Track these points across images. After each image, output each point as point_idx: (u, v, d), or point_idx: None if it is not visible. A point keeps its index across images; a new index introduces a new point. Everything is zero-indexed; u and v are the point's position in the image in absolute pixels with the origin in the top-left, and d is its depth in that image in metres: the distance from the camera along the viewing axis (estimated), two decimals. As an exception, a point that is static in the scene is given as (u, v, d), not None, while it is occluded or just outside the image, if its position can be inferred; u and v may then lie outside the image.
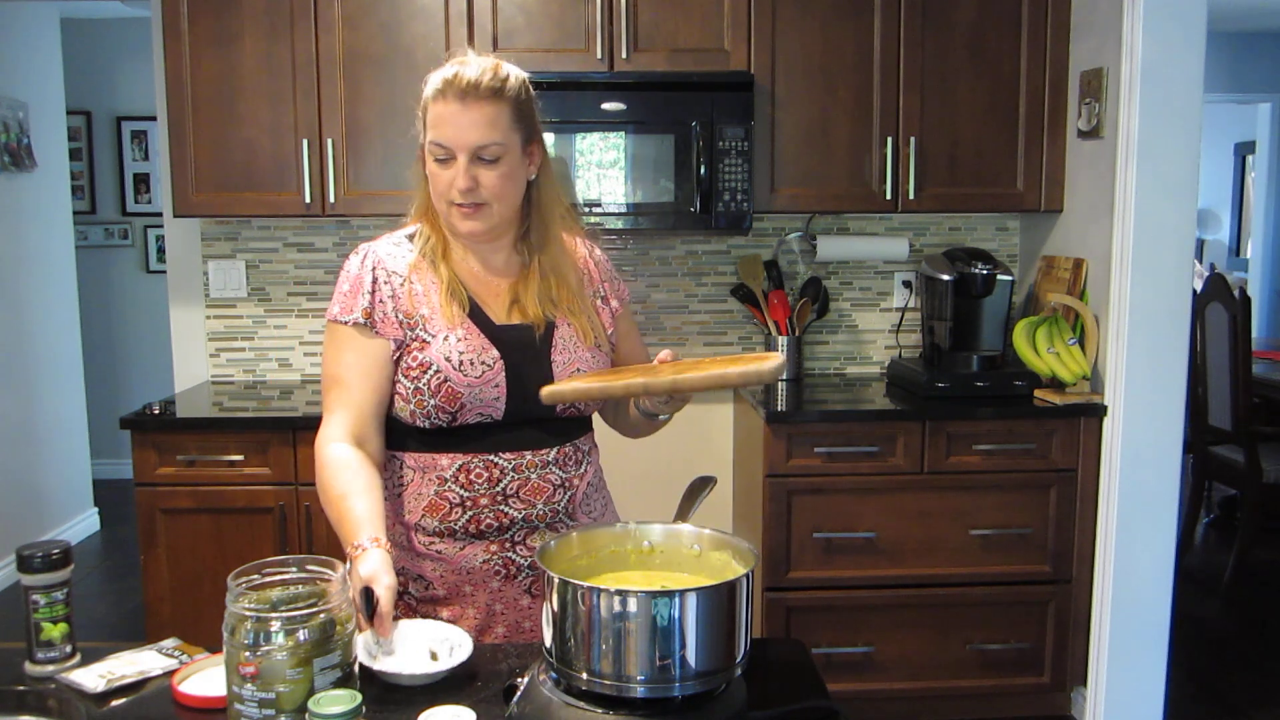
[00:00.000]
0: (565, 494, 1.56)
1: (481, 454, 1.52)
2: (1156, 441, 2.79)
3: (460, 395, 1.49)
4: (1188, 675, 3.33)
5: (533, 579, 1.54)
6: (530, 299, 1.56)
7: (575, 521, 1.57)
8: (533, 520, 1.53)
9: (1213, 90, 5.90)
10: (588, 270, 1.65)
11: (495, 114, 1.47)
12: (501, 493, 1.52)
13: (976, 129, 3.06)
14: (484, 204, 1.50)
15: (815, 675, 1.29)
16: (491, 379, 1.50)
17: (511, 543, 1.53)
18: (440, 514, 1.52)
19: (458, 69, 1.48)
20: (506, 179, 1.50)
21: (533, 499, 1.53)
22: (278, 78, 2.94)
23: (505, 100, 1.48)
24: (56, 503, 4.66)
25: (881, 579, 2.88)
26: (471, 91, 1.46)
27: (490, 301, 1.56)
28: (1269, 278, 7.03)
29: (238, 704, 1.08)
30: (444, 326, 1.51)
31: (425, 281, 1.55)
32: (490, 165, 1.48)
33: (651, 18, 2.95)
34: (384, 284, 1.54)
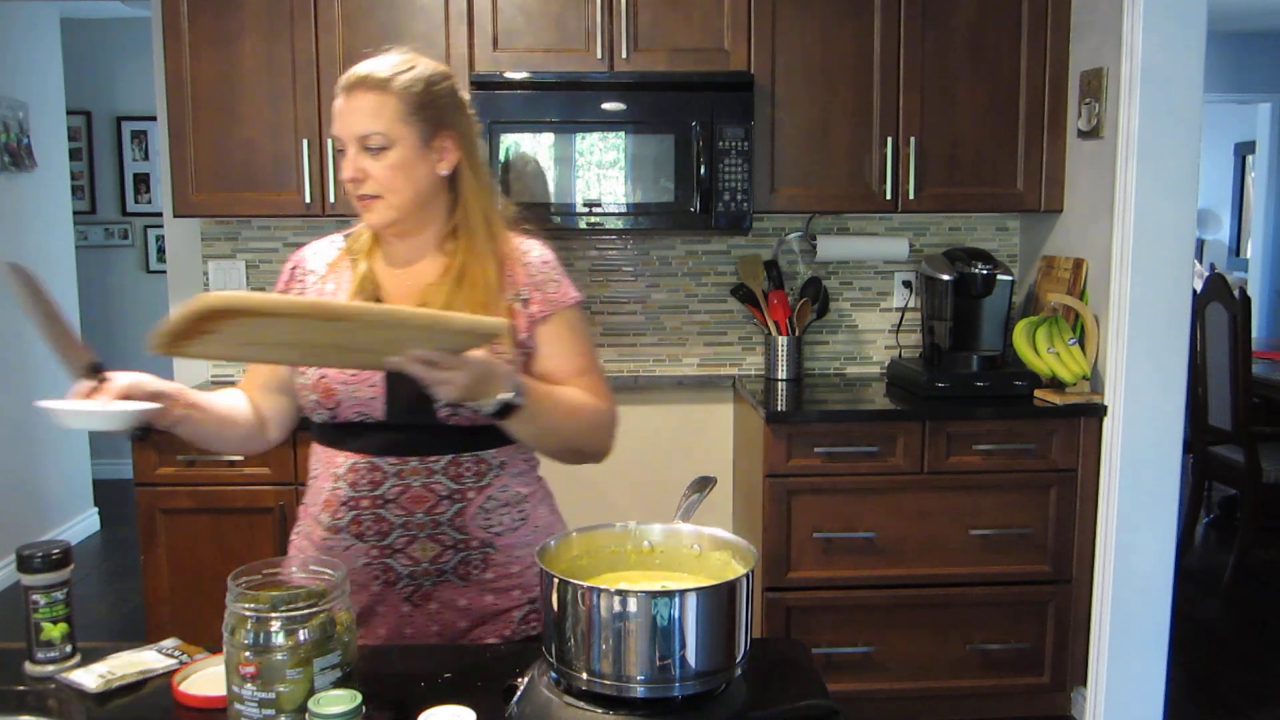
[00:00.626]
0: (453, 506, 1.49)
1: (367, 455, 1.50)
2: (1156, 441, 2.79)
3: (336, 392, 1.48)
4: (1188, 675, 3.33)
5: (413, 588, 1.50)
6: (437, 300, 1.50)
7: (465, 534, 1.50)
8: (411, 529, 1.48)
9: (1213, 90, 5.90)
10: (514, 272, 1.56)
11: (379, 104, 1.47)
12: (382, 497, 1.48)
13: (976, 129, 3.06)
14: (377, 196, 1.49)
15: (815, 675, 1.29)
16: (368, 378, 1.48)
17: (391, 549, 1.49)
18: (331, 510, 1.51)
19: (353, 70, 1.51)
20: (395, 171, 1.48)
21: (412, 507, 1.48)
22: (278, 78, 2.94)
23: (391, 92, 1.48)
24: (56, 503, 4.66)
25: (881, 579, 2.88)
26: (358, 84, 1.49)
27: (399, 301, 1.53)
28: (1269, 278, 7.03)
29: (238, 704, 1.08)
30: None
31: (339, 280, 1.57)
32: (376, 156, 1.47)
33: (651, 18, 2.95)
34: (298, 281, 1.59)
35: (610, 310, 3.40)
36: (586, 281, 3.38)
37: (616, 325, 3.41)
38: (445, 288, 1.50)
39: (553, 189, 2.92)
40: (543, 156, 2.92)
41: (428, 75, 1.52)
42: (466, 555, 1.51)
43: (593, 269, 3.38)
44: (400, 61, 1.51)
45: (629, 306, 3.40)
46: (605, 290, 3.39)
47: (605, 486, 3.43)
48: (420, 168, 1.50)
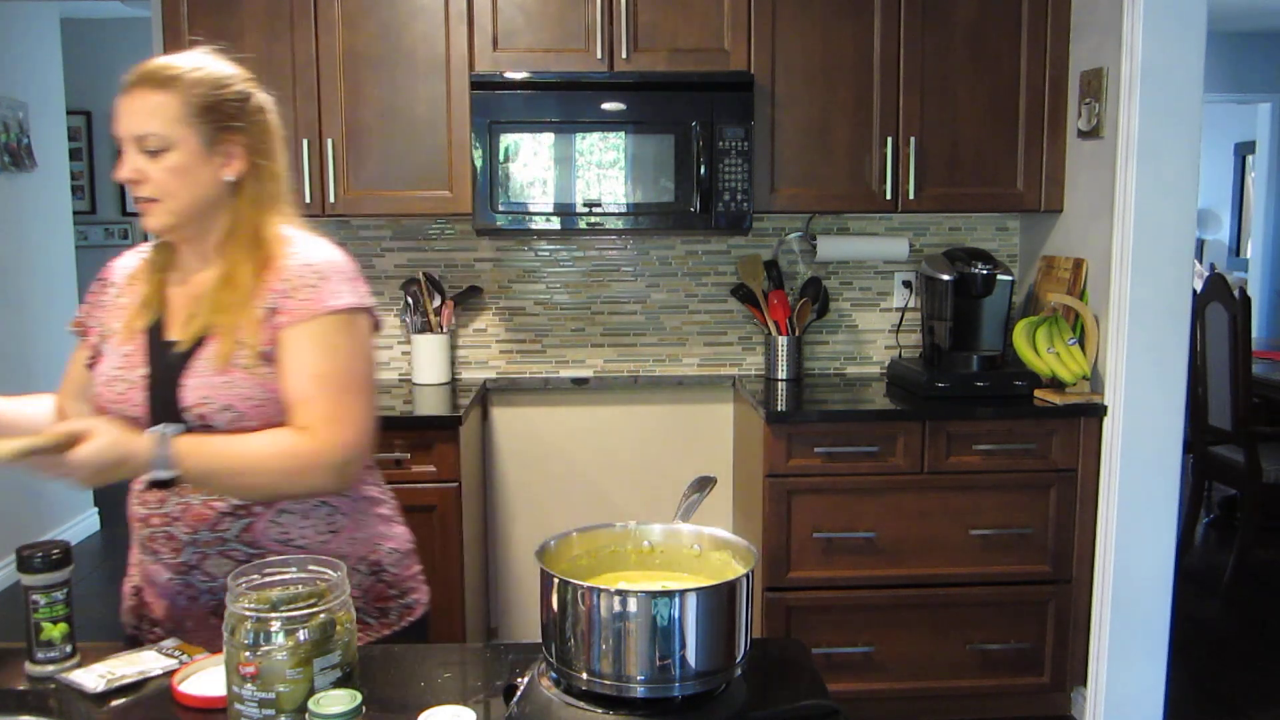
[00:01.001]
0: (239, 522, 1.44)
1: None
2: (1156, 441, 2.79)
3: (107, 411, 1.46)
4: (1188, 675, 3.33)
5: (216, 603, 1.44)
6: (201, 310, 1.45)
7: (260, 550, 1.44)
8: (201, 546, 1.44)
9: (1213, 90, 5.91)
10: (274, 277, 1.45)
11: (159, 103, 1.40)
12: (169, 515, 1.45)
13: (976, 129, 3.06)
14: (155, 200, 1.42)
15: (815, 675, 1.29)
16: (131, 398, 1.44)
17: (187, 567, 1.46)
18: (136, 528, 1.50)
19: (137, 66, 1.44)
20: (173, 174, 1.41)
21: (196, 524, 1.44)
22: (278, 78, 2.93)
23: (174, 91, 1.41)
24: (56, 503, 4.66)
25: (881, 579, 2.88)
26: (138, 80, 1.42)
27: (178, 315, 1.49)
28: (1269, 278, 7.03)
29: (238, 704, 1.08)
30: (121, 341, 1.49)
31: (135, 294, 1.53)
32: (154, 157, 1.41)
33: (651, 18, 2.95)
34: (101, 295, 1.57)
35: (610, 310, 3.40)
36: (586, 281, 3.38)
37: (616, 325, 3.41)
38: (209, 298, 1.45)
39: (553, 189, 2.92)
40: (543, 156, 2.92)
41: (216, 77, 1.46)
42: None
43: (593, 269, 3.38)
44: (191, 60, 1.45)
45: (629, 306, 3.40)
46: (605, 290, 3.39)
47: (605, 486, 3.43)
48: (201, 172, 1.43)
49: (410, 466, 2.78)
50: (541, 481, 3.42)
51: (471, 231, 3.30)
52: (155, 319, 1.49)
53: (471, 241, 3.34)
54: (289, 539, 1.47)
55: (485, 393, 3.35)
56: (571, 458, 3.41)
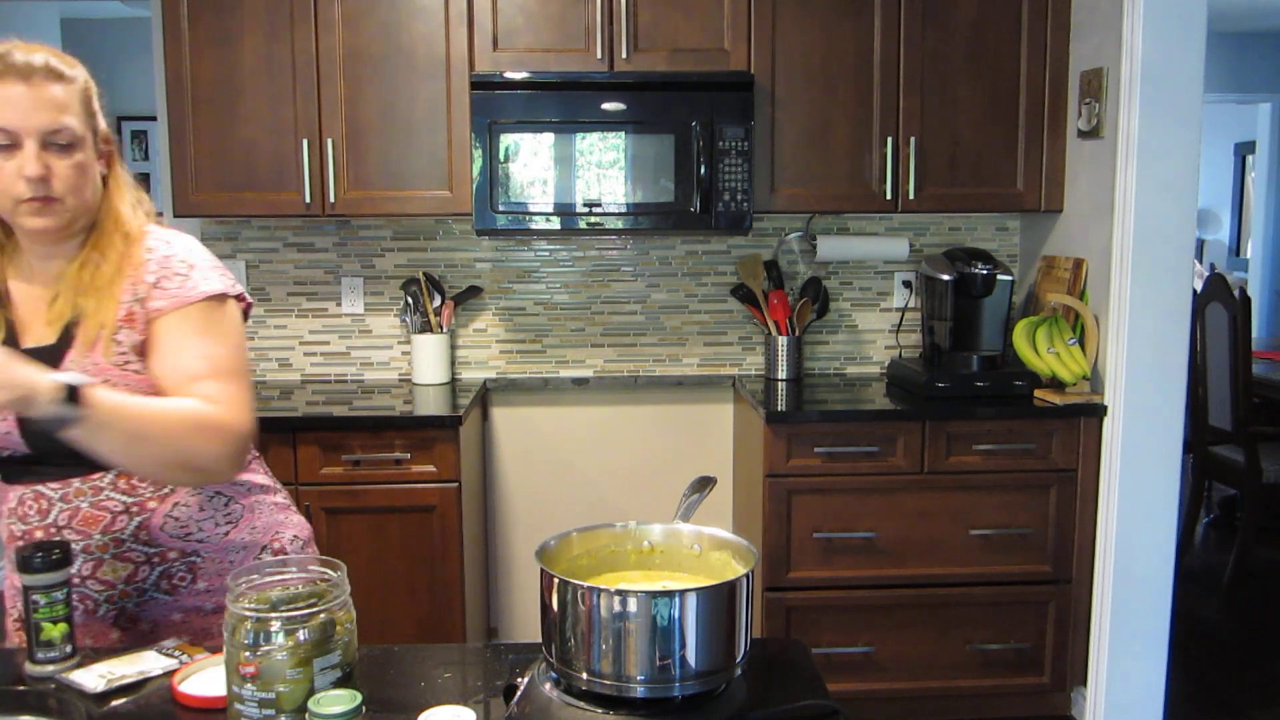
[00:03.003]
0: (133, 520, 1.42)
1: (32, 484, 1.41)
2: (1156, 441, 2.79)
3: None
4: (1188, 675, 3.33)
5: (116, 611, 1.43)
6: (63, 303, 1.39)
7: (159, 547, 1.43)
8: (94, 552, 1.41)
9: (1213, 90, 5.91)
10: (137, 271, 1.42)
11: (66, 98, 1.35)
12: (54, 524, 1.40)
13: (976, 129, 3.06)
14: (57, 198, 1.35)
15: (815, 675, 1.29)
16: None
17: (80, 577, 1.41)
18: (13, 547, 1.40)
19: (9, 48, 1.35)
20: (80, 171, 1.37)
21: (88, 529, 1.40)
22: (278, 78, 2.94)
23: (70, 85, 1.37)
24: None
25: (881, 579, 2.88)
26: (35, 72, 1.33)
27: (32, 320, 1.41)
28: (1269, 278, 7.03)
29: (238, 704, 1.08)
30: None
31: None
32: (63, 153, 1.35)
33: (651, 18, 2.95)
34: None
35: (610, 310, 3.40)
36: (586, 281, 3.38)
37: (616, 325, 3.41)
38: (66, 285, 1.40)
39: (553, 189, 2.92)
40: (543, 156, 2.92)
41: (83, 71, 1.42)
42: (166, 568, 1.45)
43: (593, 269, 3.38)
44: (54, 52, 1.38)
45: (629, 306, 3.40)
46: (605, 290, 3.39)
47: (605, 486, 3.43)
48: (94, 169, 1.41)
49: (410, 466, 2.78)
50: (541, 481, 3.42)
51: (471, 231, 3.30)
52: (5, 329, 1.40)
53: (471, 241, 3.34)
54: (188, 534, 1.45)
55: (485, 393, 3.36)
56: (571, 458, 3.41)
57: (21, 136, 1.33)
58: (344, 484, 2.77)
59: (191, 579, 1.48)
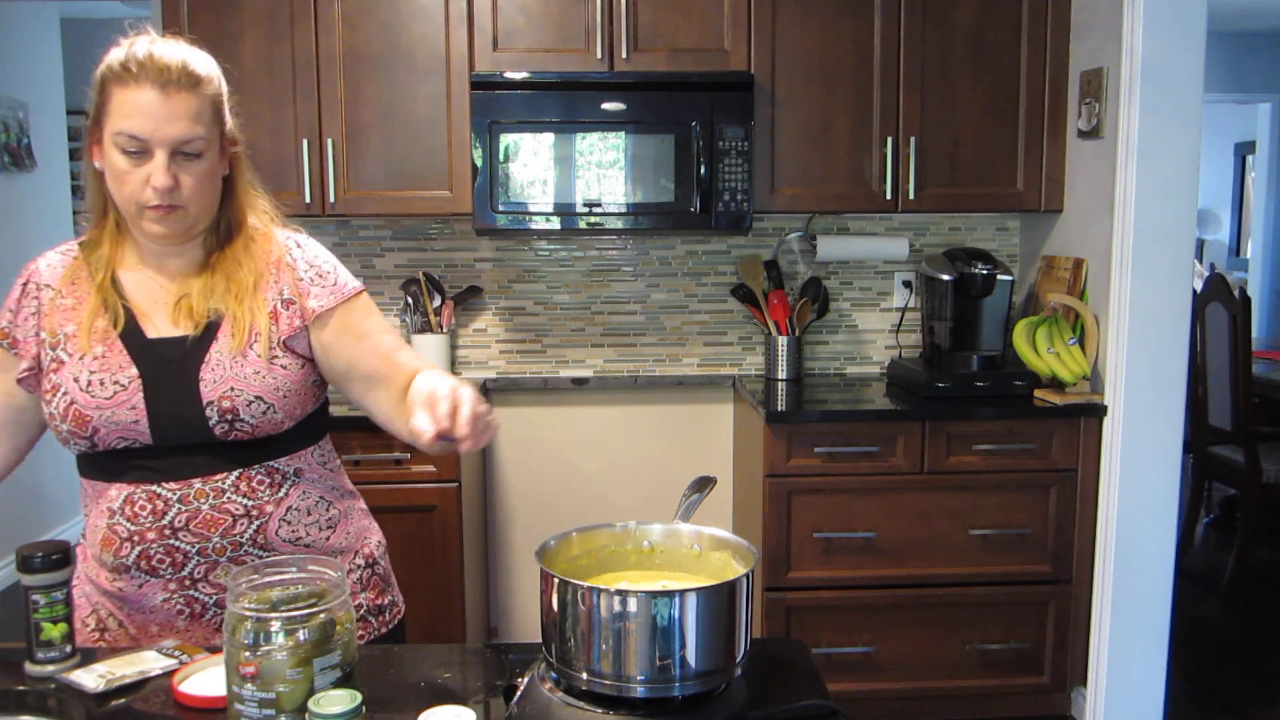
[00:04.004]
0: (252, 524, 1.40)
1: (144, 484, 1.37)
2: (1156, 441, 2.79)
3: (90, 419, 1.35)
4: (1188, 675, 3.33)
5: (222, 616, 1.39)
6: (198, 293, 1.40)
7: (270, 551, 1.41)
8: (210, 555, 1.38)
9: (1213, 90, 5.91)
10: (279, 269, 1.45)
11: (198, 106, 1.33)
12: (169, 526, 1.37)
13: (976, 129, 3.06)
14: (181, 206, 1.35)
15: (815, 675, 1.29)
16: (126, 400, 1.35)
17: (191, 580, 1.39)
18: (113, 549, 1.38)
19: (150, 48, 1.34)
20: (206, 178, 1.37)
21: (206, 532, 1.38)
22: (278, 78, 2.94)
23: (205, 92, 1.35)
24: (56, 503, 4.66)
25: (881, 579, 2.88)
26: (172, 80, 1.32)
27: (153, 313, 1.41)
28: (1269, 278, 7.03)
29: (238, 704, 1.08)
30: (84, 345, 1.37)
31: (79, 294, 1.41)
32: (191, 162, 1.34)
33: (651, 18, 2.95)
34: (32, 298, 1.42)
35: (610, 310, 3.40)
36: (586, 281, 3.38)
37: (616, 325, 3.41)
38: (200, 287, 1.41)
39: (553, 189, 2.92)
40: (543, 156, 2.92)
41: (216, 72, 1.40)
42: None
43: (593, 269, 3.38)
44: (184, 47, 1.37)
45: (629, 306, 3.40)
46: (605, 290, 3.39)
47: (605, 486, 3.43)
48: (218, 172, 1.41)
49: (410, 466, 2.78)
50: (541, 481, 3.42)
51: (471, 231, 3.30)
52: (125, 318, 1.40)
53: (471, 241, 3.34)
54: (298, 538, 1.45)
55: (485, 393, 3.36)
56: (571, 458, 3.41)
57: (152, 146, 1.32)
58: (344, 484, 2.77)
59: None
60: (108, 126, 1.33)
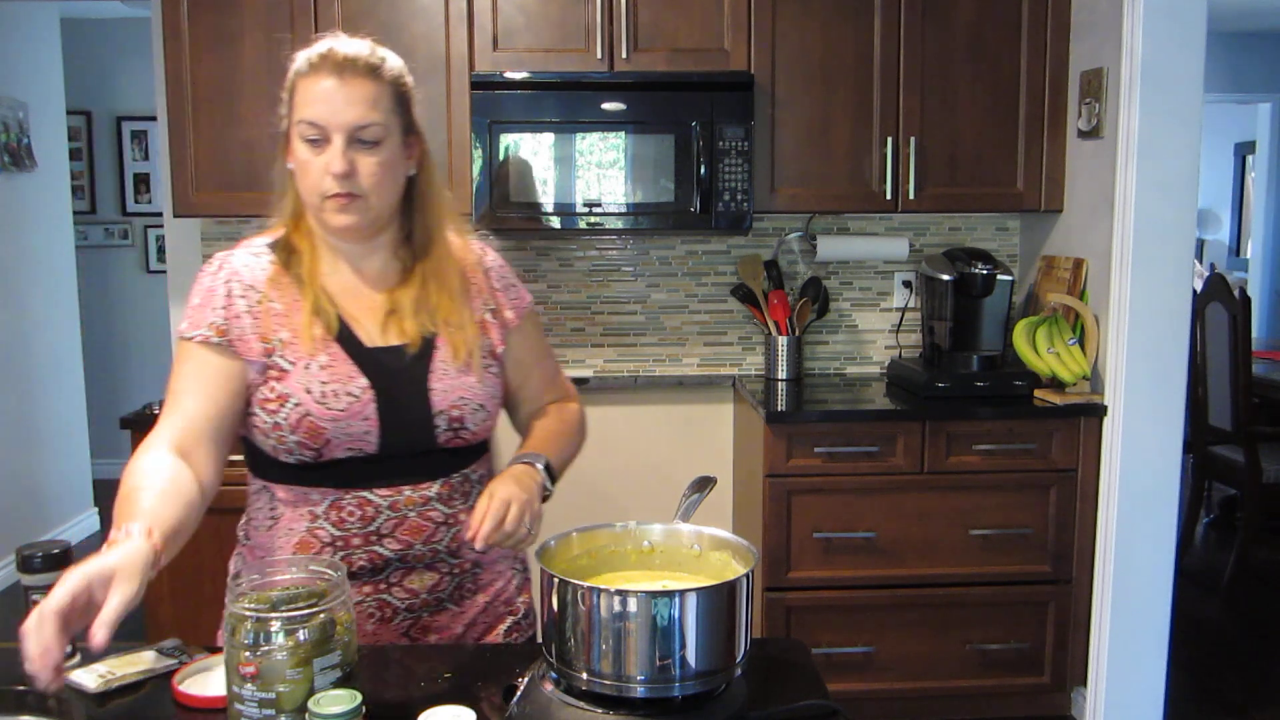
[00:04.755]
0: (449, 531, 1.41)
1: (354, 490, 1.37)
2: (1156, 441, 2.79)
3: (324, 431, 1.33)
4: (1188, 675, 3.33)
5: (410, 621, 1.42)
6: (408, 311, 1.40)
7: (459, 559, 1.44)
8: (409, 561, 1.40)
9: (1213, 90, 5.90)
10: (476, 278, 1.49)
11: (376, 93, 1.34)
12: (376, 532, 1.37)
13: (976, 129, 3.06)
14: (360, 195, 1.34)
15: (815, 675, 1.29)
16: (360, 411, 1.34)
17: (387, 584, 1.40)
18: (310, 553, 1.38)
19: (331, 44, 1.37)
20: (385, 169, 1.36)
21: (410, 539, 1.39)
22: (278, 78, 2.92)
23: (385, 80, 1.36)
24: (56, 503, 4.66)
25: (881, 579, 2.88)
26: (349, 66, 1.34)
27: (363, 319, 1.40)
28: (1269, 278, 7.03)
29: (238, 704, 1.07)
30: (304, 353, 1.35)
31: (287, 299, 1.38)
32: (369, 150, 1.34)
33: (651, 18, 2.95)
34: (239, 299, 1.37)
35: (610, 310, 3.40)
36: (586, 281, 3.38)
37: (616, 325, 3.41)
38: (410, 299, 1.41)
39: (553, 189, 2.92)
40: (543, 156, 2.92)
41: (401, 66, 1.41)
42: (460, 580, 1.45)
43: (593, 269, 3.38)
44: (368, 43, 1.39)
45: (629, 306, 3.40)
46: (605, 290, 3.39)
47: (605, 486, 3.43)
48: (400, 167, 1.40)
49: (410, 466, 2.78)
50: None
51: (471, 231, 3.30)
52: (336, 328, 1.37)
53: (471, 241, 3.34)
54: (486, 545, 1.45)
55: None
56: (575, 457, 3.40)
57: (330, 132, 1.33)
58: (344, 484, 2.77)
59: (475, 590, 1.47)
60: (294, 119, 1.38)
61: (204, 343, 1.35)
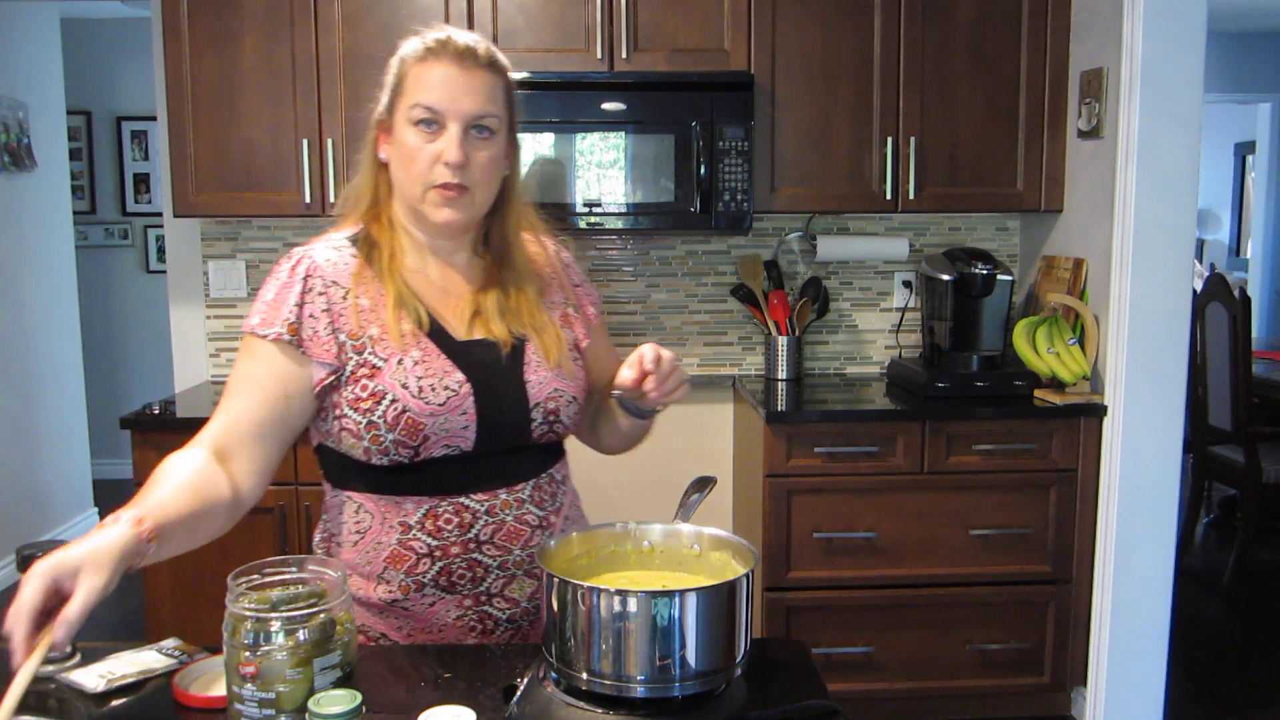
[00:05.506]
0: (544, 534, 1.38)
1: (450, 496, 1.32)
2: (1156, 441, 2.79)
3: (423, 426, 1.29)
4: (1188, 675, 3.33)
5: (511, 632, 1.38)
6: (493, 313, 1.37)
7: None
8: (509, 568, 1.36)
9: (1213, 90, 5.91)
10: (557, 274, 1.49)
11: (494, 85, 1.34)
12: (475, 539, 1.33)
13: (976, 129, 3.06)
14: (468, 189, 1.32)
15: (815, 675, 1.29)
16: (458, 405, 1.31)
17: (487, 595, 1.36)
18: (405, 566, 1.33)
19: (448, 34, 1.34)
20: (494, 164, 1.35)
21: (509, 544, 1.35)
22: (278, 78, 2.94)
23: (500, 75, 1.36)
24: (56, 503, 4.66)
25: (881, 579, 2.88)
26: (470, 56, 1.32)
27: (449, 315, 1.37)
28: (1269, 278, 7.03)
29: (238, 704, 1.07)
30: (396, 348, 1.31)
31: (372, 294, 1.34)
32: (483, 143, 1.33)
33: (651, 18, 2.95)
34: (319, 295, 1.33)
35: (610, 310, 3.40)
36: (586, 281, 3.38)
37: (616, 325, 3.41)
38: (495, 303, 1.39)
39: (553, 189, 2.92)
40: (543, 156, 2.92)
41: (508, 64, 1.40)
42: None
43: (593, 269, 3.38)
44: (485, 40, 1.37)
45: (629, 306, 3.40)
46: (605, 290, 3.39)
47: (605, 486, 3.42)
48: (502, 165, 1.38)
49: (410, 466, 2.78)
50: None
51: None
52: (428, 324, 1.34)
53: (471, 241, 3.34)
54: None
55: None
56: (571, 457, 3.40)
57: (446, 119, 1.30)
58: (344, 484, 2.77)
59: None
60: (402, 106, 1.32)
61: (274, 340, 1.31)
